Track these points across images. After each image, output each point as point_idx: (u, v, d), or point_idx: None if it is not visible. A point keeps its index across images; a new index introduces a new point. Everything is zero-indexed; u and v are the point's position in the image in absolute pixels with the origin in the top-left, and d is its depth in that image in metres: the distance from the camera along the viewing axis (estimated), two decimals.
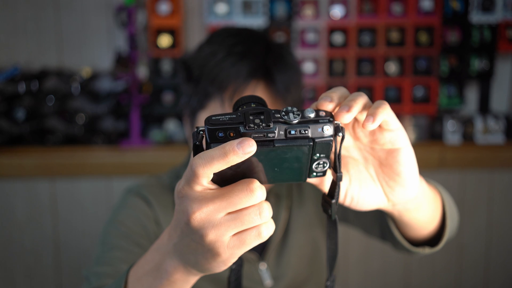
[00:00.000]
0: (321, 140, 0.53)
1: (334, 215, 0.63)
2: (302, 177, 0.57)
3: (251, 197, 0.52)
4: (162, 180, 1.10)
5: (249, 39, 0.99)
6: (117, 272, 0.88)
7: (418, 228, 0.76)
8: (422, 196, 0.68)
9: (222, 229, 0.52)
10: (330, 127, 0.53)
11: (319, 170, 0.57)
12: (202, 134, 0.53)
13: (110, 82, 2.07)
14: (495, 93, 2.17)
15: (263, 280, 1.05)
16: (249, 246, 0.53)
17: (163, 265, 0.60)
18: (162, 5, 1.98)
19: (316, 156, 0.55)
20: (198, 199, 0.52)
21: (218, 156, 0.50)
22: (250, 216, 0.52)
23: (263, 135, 0.51)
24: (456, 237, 2.18)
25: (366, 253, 2.20)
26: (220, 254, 0.53)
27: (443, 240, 0.79)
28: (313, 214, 1.11)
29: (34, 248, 2.11)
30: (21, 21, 2.06)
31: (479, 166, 2.07)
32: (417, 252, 0.80)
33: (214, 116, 0.52)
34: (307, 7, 2.06)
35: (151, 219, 1.01)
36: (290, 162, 0.54)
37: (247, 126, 0.51)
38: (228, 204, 0.52)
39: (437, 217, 0.78)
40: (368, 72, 2.08)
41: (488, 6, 2.03)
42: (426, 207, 0.71)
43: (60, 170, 1.97)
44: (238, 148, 0.50)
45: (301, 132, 0.52)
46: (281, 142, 0.52)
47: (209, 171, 0.51)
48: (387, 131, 0.59)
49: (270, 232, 0.54)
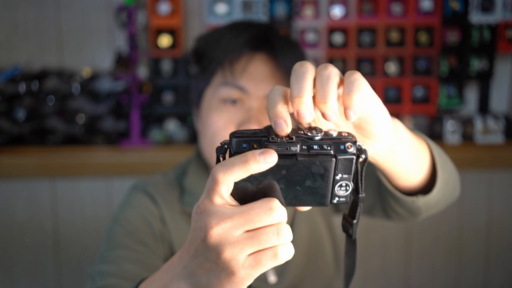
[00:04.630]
0: (343, 157, 0.53)
1: (354, 235, 0.63)
2: (325, 200, 0.56)
3: (270, 216, 0.51)
4: (168, 177, 1.10)
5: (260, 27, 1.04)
6: (121, 271, 0.88)
7: (405, 177, 0.75)
8: (400, 143, 0.68)
9: (239, 247, 0.51)
10: (353, 145, 0.54)
11: (342, 194, 0.56)
12: (226, 148, 0.54)
13: (110, 82, 2.07)
14: (495, 93, 2.17)
15: (267, 276, 1.05)
16: (264, 268, 0.53)
17: (170, 287, 0.59)
18: (162, 5, 1.99)
19: (338, 176, 0.55)
20: (217, 214, 0.52)
21: (239, 163, 0.50)
22: (268, 235, 0.52)
23: (285, 148, 0.52)
24: (456, 237, 2.19)
25: (366, 253, 2.20)
26: (235, 274, 0.52)
27: (436, 187, 0.78)
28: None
29: (35, 248, 2.11)
30: (21, 21, 2.06)
31: (478, 166, 2.07)
32: (411, 201, 0.80)
33: (239, 130, 0.53)
34: (307, 7, 2.07)
35: (156, 216, 1.01)
36: (312, 180, 0.54)
37: (270, 138, 0.52)
38: (246, 221, 0.51)
39: (425, 165, 0.77)
40: (368, 72, 2.08)
41: (487, 6, 2.03)
42: (407, 153, 0.71)
43: (60, 170, 1.97)
44: (259, 156, 0.50)
45: (323, 147, 0.53)
46: (304, 156, 0.52)
47: (230, 177, 0.51)
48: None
49: (288, 255, 0.53)
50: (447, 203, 0.89)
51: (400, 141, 0.67)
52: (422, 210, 0.83)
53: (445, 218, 2.18)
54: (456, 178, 0.88)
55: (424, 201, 0.80)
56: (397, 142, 0.66)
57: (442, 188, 0.81)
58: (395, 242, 2.20)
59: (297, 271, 1.08)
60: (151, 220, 1.00)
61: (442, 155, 0.82)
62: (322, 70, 0.54)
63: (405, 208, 0.84)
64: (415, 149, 0.73)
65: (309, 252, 1.10)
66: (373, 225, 2.17)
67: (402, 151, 0.69)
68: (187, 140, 2.04)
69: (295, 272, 1.07)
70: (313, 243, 1.11)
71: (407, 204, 0.81)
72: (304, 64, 0.55)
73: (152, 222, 1.00)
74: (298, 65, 0.55)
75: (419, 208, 0.82)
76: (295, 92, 0.53)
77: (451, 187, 0.86)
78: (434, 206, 0.84)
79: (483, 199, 2.19)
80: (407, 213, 0.86)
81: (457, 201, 2.19)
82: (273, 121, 0.53)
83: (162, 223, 1.01)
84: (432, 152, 0.78)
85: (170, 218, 1.02)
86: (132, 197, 1.04)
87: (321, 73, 0.54)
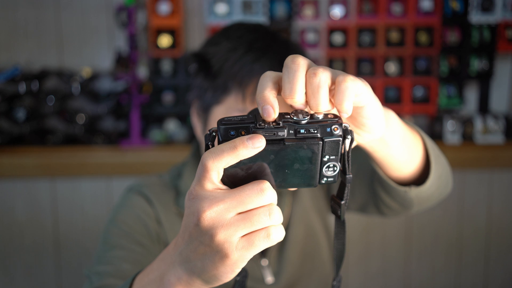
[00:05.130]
0: (330, 139, 0.54)
1: (343, 216, 0.64)
2: (313, 181, 0.57)
3: (261, 197, 0.53)
4: (164, 179, 1.10)
5: (268, 35, 0.99)
6: (118, 272, 0.89)
7: (398, 167, 0.76)
8: (393, 133, 0.68)
9: (232, 229, 0.52)
10: (339, 127, 0.54)
11: (330, 175, 0.57)
12: (214, 135, 0.55)
13: (110, 82, 2.07)
14: (495, 93, 2.17)
15: (264, 277, 1.05)
16: (258, 248, 0.53)
17: (167, 275, 0.60)
18: (162, 5, 1.99)
19: (326, 158, 0.56)
20: (209, 198, 0.53)
21: (228, 149, 0.51)
22: (260, 216, 0.52)
23: (273, 134, 0.53)
24: (456, 237, 2.19)
25: (366, 253, 2.20)
26: (229, 256, 0.53)
27: (430, 179, 0.79)
28: (309, 204, 1.11)
29: (35, 248, 2.11)
30: (21, 21, 2.06)
31: (478, 166, 2.07)
32: (403, 191, 0.80)
33: (226, 117, 0.54)
34: (307, 7, 2.07)
35: (152, 217, 1.02)
36: (300, 163, 0.55)
37: (257, 124, 0.53)
38: (238, 203, 0.52)
39: (418, 157, 0.77)
40: (368, 72, 2.08)
41: (487, 6, 2.03)
42: (400, 144, 0.71)
43: (61, 170, 1.97)
44: (248, 142, 0.51)
45: (310, 131, 0.54)
46: (291, 141, 0.53)
47: (219, 164, 0.52)
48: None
49: (279, 236, 0.54)
50: (439, 198, 0.90)
51: (393, 132, 0.68)
52: (414, 203, 0.84)
53: (445, 218, 2.18)
54: (449, 173, 0.89)
55: (416, 193, 0.81)
56: (389, 133, 0.67)
57: (436, 181, 0.81)
58: (395, 242, 2.20)
59: (294, 271, 1.08)
60: (147, 221, 1.00)
61: (435, 148, 0.83)
62: (311, 78, 0.54)
63: (397, 200, 0.84)
64: (408, 140, 0.74)
65: (305, 251, 1.10)
66: (373, 225, 2.17)
67: (394, 142, 0.70)
68: (187, 140, 2.04)
69: (291, 272, 1.07)
70: (309, 242, 1.11)
71: (399, 195, 0.82)
72: (295, 60, 0.55)
73: (148, 223, 1.00)
74: (289, 60, 0.55)
75: (411, 200, 0.83)
76: (287, 92, 0.54)
77: (444, 181, 0.86)
78: (426, 200, 0.85)
79: (483, 199, 2.19)
80: (398, 206, 0.87)
81: (457, 201, 2.20)
82: (260, 106, 0.54)
83: (158, 224, 1.01)
84: (426, 144, 0.79)
85: (165, 219, 1.02)
86: (128, 198, 1.04)
87: (311, 81, 0.54)
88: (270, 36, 0.99)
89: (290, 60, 0.55)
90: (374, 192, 0.89)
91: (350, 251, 2.19)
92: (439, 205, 2.16)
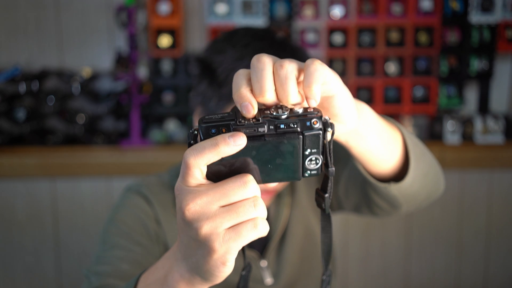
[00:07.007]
0: (310, 133, 0.55)
1: (327, 209, 0.64)
2: (297, 175, 0.57)
3: (245, 189, 0.53)
4: (162, 179, 1.10)
5: (275, 43, 0.97)
6: (117, 272, 0.89)
7: (376, 163, 0.76)
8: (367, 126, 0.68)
9: (217, 221, 0.52)
10: (319, 121, 0.55)
11: (313, 168, 0.58)
12: (196, 134, 0.56)
13: (110, 82, 2.07)
14: (495, 93, 2.17)
15: (263, 278, 1.05)
16: (245, 239, 0.53)
17: (171, 272, 0.60)
18: (162, 5, 1.99)
19: (307, 151, 0.56)
20: (192, 192, 0.53)
21: (209, 146, 0.52)
22: (245, 207, 0.53)
23: (253, 130, 0.54)
24: (456, 237, 2.19)
25: (366, 253, 2.20)
26: (216, 248, 0.53)
27: (409, 175, 0.78)
28: (307, 204, 1.11)
29: (35, 248, 2.11)
30: (21, 21, 2.07)
31: (478, 166, 2.07)
32: (383, 187, 0.80)
33: (207, 116, 0.55)
34: (307, 7, 2.07)
35: (151, 217, 1.02)
36: (282, 157, 0.55)
37: (237, 121, 0.54)
38: (221, 195, 0.53)
39: (397, 152, 0.77)
40: (368, 72, 2.08)
41: (487, 6, 2.03)
42: (376, 138, 0.71)
43: (61, 170, 1.97)
44: (229, 139, 0.52)
45: (290, 126, 0.54)
46: (271, 136, 0.54)
47: (201, 160, 0.52)
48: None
49: (266, 228, 0.54)
50: (430, 198, 0.89)
51: (368, 125, 0.69)
52: (400, 201, 0.83)
53: (445, 218, 2.18)
54: (438, 172, 0.88)
55: (398, 189, 0.80)
56: (364, 126, 0.68)
57: (420, 179, 0.81)
58: (395, 242, 2.20)
59: (293, 272, 1.08)
60: (146, 221, 1.00)
61: (419, 145, 0.82)
62: (278, 70, 0.55)
63: (384, 199, 0.84)
64: (385, 134, 0.74)
65: (304, 251, 1.10)
66: (373, 225, 2.17)
67: (370, 135, 0.70)
68: (187, 140, 2.04)
69: (290, 273, 1.08)
70: (308, 243, 1.11)
71: (381, 192, 0.82)
72: (260, 59, 0.55)
73: (147, 222, 1.00)
74: (255, 60, 0.55)
75: (395, 197, 0.82)
76: (257, 91, 0.55)
77: (431, 180, 0.85)
78: (413, 198, 0.84)
79: (483, 199, 2.19)
80: (387, 205, 0.86)
81: (457, 201, 2.20)
82: (239, 104, 0.54)
83: (157, 224, 1.01)
84: (405, 140, 0.78)
85: (165, 219, 1.02)
86: (127, 198, 1.04)
87: (278, 73, 0.55)
88: (277, 45, 0.97)
89: (256, 59, 0.55)
90: (365, 192, 0.89)
91: (350, 251, 2.19)
92: (439, 205, 2.16)
